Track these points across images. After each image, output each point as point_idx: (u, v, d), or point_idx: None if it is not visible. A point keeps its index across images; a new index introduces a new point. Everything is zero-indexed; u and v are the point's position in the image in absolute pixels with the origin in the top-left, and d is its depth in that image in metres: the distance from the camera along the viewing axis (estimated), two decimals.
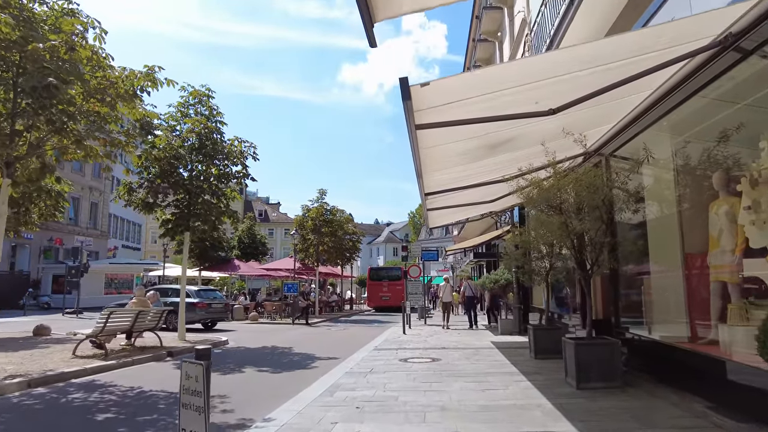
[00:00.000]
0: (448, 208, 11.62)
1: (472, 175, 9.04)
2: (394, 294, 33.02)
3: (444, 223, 15.80)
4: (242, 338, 15.73)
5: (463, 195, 10.92)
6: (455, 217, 15.50)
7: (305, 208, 26.31)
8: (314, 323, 22.17)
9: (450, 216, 14.90)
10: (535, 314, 15.69)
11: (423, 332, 17.31)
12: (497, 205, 14.91)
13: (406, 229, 77.77)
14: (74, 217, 40.59)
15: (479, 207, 14.10)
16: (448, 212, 13.74)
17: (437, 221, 14.82)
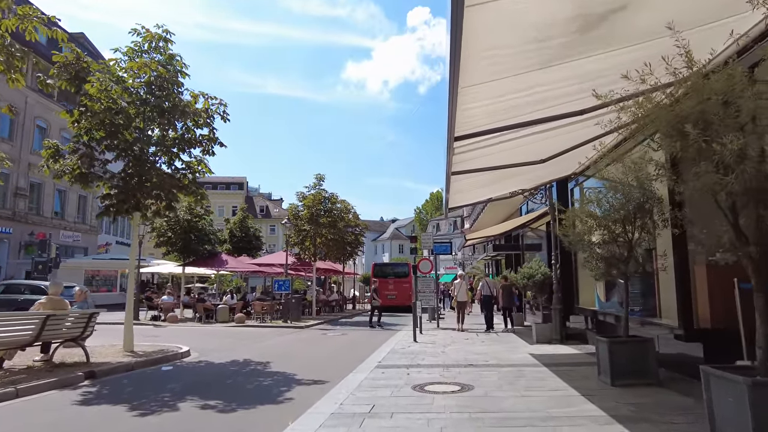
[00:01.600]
0: (478, 171, 8.33)
1: (530, 103, 5.74)
2: (400, 292, 29.71)
3: (465, 202, 12.57)
4: (213, 347, 12.48)
5: (501, 152, 7.65)
6: (479, 194, 12.20)
7: (300, 195, 23.11)
8: (310, 325, 18.91)
9: (473, 192, 11.61)
10: (578, 317, 12.36)
11: (438, 339, 14.02)
12: (536, 177, 11.61)
13: (412, 226, 74.37)
14: (60, 211, 37.53)
15: (516, 178, 10.80)
16: (472, 185, 10.46)
17: (457, 199, 11.55)
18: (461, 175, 8.00)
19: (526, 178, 11.57)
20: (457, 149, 6.80)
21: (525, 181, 12.14)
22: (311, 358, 10.75)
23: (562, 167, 11.27)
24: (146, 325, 18.97)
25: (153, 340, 13.27)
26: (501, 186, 11.75)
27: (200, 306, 20.06)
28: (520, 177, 11.19)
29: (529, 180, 11.94)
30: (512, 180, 11.38)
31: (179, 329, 17.63)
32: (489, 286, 17.82)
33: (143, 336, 14.87)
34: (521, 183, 12.27)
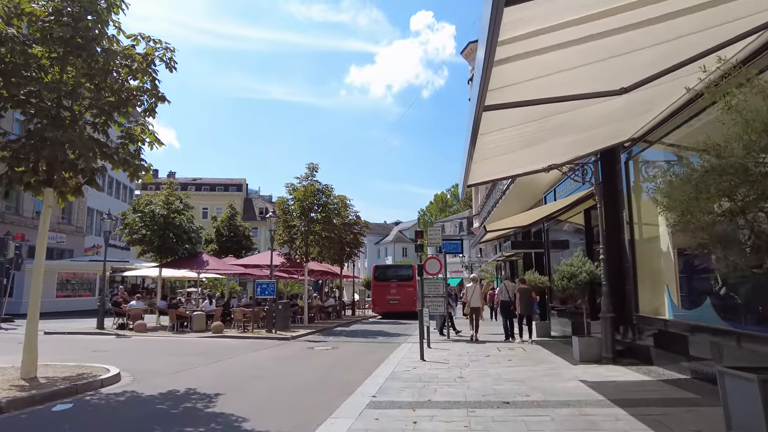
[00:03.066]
0: (522, 105, 5.34)
1: None
2: (404, 297, 26.70)
3: (488, 178, 9.64)
4: (161, 367, 9.51)
5: (559, 71, 4.72)
6: (506, 165, 9.18)
7: (290, 186, 20.09)
8: (297, 336, 15.91)
9: (500, 161, 8.63)
10: (636, 326, 9.32)
11: (451, 354, 11.02)
12: (580, 143, 8.67)
13: (416, 228, 71.34)
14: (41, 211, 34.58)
15: (556, 141, 7.85)
16: (501, 148, 7.50)
17: (479, 175, 8.57)
18: (495, 110, 5.03)
19: (568, 144, 8.61)
20: (500, 62, 3.91)
21: (564, 151, 9.16)
22: (280, 389, 7.75)
23: (614, 130, 8.32)
24: (107, 335, 16.02)
25: (89, 358, 10.30)
26: (533, 154, 8.78)
27: (173, 313, 17.09)
28: (561, 142, 8.24)
29: (570, 147, 8.97)
30: (550, 146, 8.42)
31: (139, 341, 14.67)
32: (508, 290, 14.87)
33: (81, 350, 11.96)
34: (558, 153, 9.28)
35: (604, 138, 8.73)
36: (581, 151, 9.40)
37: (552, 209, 12.25)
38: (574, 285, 9.68)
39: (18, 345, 8.52)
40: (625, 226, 9.77)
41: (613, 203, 10.13)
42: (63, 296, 26.32)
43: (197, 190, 67.32)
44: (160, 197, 20.92)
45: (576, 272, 9.71)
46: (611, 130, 8.19)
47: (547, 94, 5.14)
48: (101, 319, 17.24)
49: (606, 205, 9.94)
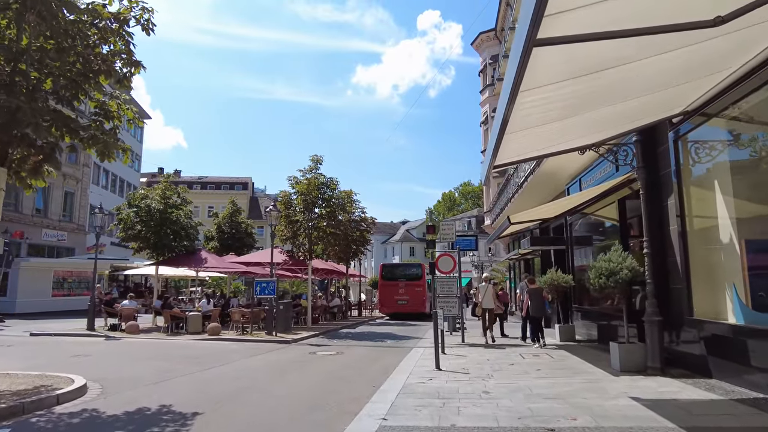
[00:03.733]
0: (554, 85, 4.07)
1: None
2: (412, 297, 25.38)
3: (517, 157, 8.23)
4: (138, 376, 8.27)
5: None
6: (536, 147, 7.83)
7: (293, 179, 18.83)
8: (299, 339, 14.64)
9: (530, 143, 7.31)
10: (689, 332, 7.96)
11: (470, 362, 9.70)
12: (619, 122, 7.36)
13: (423, 228, 69.87)
14: (43, 208, 33.68)
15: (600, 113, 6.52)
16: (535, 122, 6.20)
17: (507, 153, 7.22)
18: (548, 47, 3.73)
19: (610, 117, 7.27)
20: None
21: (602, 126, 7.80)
22: (271, 407, 6.47)
23: (665, 99, 6.97)
24: (97, 337, 14.83)
25: (63, 364, 9.09)
26: (568, 130, 7.43)
27: (167, 313, 15.87)
28: (602, 114, 6.90)
29: (611, 122, 7.62)
30: (588, 119, 7.09)
31: (128, 344, 13.45)
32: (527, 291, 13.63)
33: (60, 355, 10.76)
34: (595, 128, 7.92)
35: (654, 109, 7.38)
36: (621, 127, 8.03)
37: (582, 198, 10.88)
38: (614, 283, 8.32)
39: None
40: (671, 216, 8.43)
41: (656, 190, 8.79)
42: (59, 295, 25.21)
43: (203, 188, 66.33)
44: (157, 191, 19.77)
45: (615, 269, 8.36)
46: (663, 98, 6.85)
47: (617, 27, 3.83)
48: (91, 319, 16.06)
49: (649, 192, 8.59)
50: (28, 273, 23.55)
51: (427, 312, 26.32)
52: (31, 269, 24.06)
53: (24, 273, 23.53)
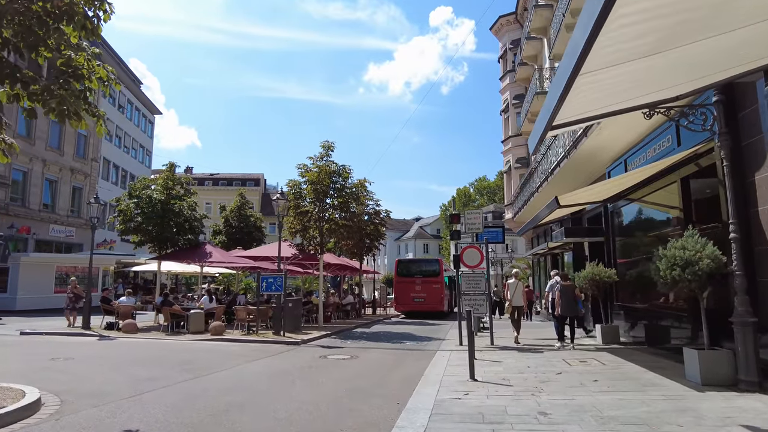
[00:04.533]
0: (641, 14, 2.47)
1: None
2: (430, 295, 23.79)
3: (578, 116, 6.60)
4: (113, 388, 6.84)
5: None
6: (599, 104, 6.20)
7: (302, 168, 17.36)
8: (309, 340, 13.15)
9: (593, 100, 5.71)
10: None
11: (508, 371, 8.13)
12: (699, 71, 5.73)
13: (437, 224, 68.03)
14: (50, 203, 32.71)
15: None
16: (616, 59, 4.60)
17: (569, 111, 5.66)
18: None
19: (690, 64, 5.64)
20: None
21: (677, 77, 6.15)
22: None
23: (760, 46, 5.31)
24: (90, 336, 13.51)
25: (34, 370, 7.71)
26: (639, 81, 5.81)
27: (166, 311, 14.49)
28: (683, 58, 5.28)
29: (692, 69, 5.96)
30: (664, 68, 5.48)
31: (120, 345, 12.08)
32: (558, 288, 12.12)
33: (38, 357, 9.39)
34: (670, 80, 6.27)
35: (744, 56, 5.73)
36: (702, 79, 6.37)
37: (643, 175, 9.14)
38: (691, 275, 6.68)
39: None
40: (760, 195, 6.79)
41: (738, 163, 7.14)
42: (62, 292, 24.00)
43: (215, 185, 65.39)
44: (159, 181, 18.42)
45: (693, 258, 6.72)
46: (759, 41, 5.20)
47: None
48: (86, 317, 14.76)
49: (734, 164, 6.94)
50: (29, 268, 22.42)
51: (445, 310, 24.73)
52: (32, 264, 22.93)
53: (25, 268, 22.40)
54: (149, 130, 51.60)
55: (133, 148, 46.62)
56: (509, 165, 27.68)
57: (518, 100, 27.59)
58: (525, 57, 24.39)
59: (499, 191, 62.56)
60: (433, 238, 66.20)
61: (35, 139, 30.49)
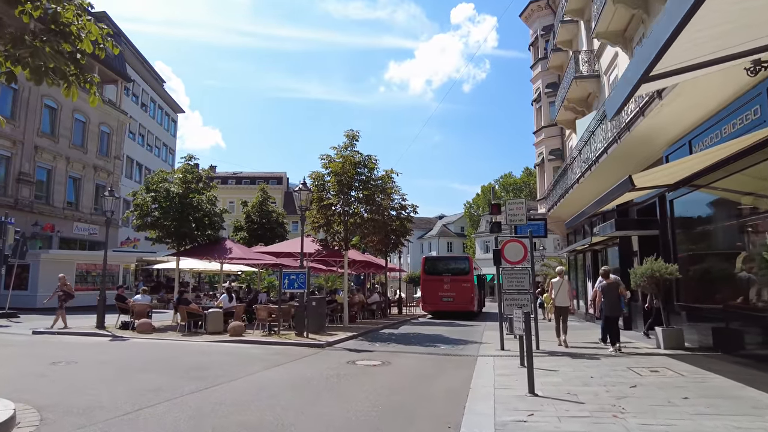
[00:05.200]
0: None
1: None
2: (459, 294, 22.46)
3: (685, 62, 5.32)
4: (108, 400, 5.81)
5: None
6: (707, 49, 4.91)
7: (326, 158, 16.31)
8: (334, 342, 12.02)
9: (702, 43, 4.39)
10: None
11: (566, 380, 6.84)
12: None
13: (461, 222, 66.35)
14: (74, 201, 32.42)
15: None
16: None
17: (673, 57, 4.43)
18: None
19: None
20: None
21: None
22: None
23: None
24: (103, 336, 12.63)
25: (28, 375, 6.74)
26: None
27: (183, 310, 13.54)
28: None
29: None
30: None
31: (132, 346, 11.14)
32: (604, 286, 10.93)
33: (38, 360, 8.42)
34: None
35: None
36: None
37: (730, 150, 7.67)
38: None
39: None
40: None
41: None
42: (83, 289, 23.47)
43: (237, 183, 65.14)
44: (177, 174, 17.57)
45: None
46: None
47: None
48: (101, 316, 13.92)
49: None
50: (49, 266, 21.85)
51: (475, 310, 23.40)
52: (53, 261, 22.34)
53: (45, 266, 21.85)
54: (172, 129, 51.37)
55: (156, 146, 46.38)
56: (542, 157, 26.17)
57: (551, 88, 26.07)
58: (559, 42, 22.88)
59: (526, 188, 60.72)
60: (457, 236, 64.62)
61: (59, 137, 30.17)
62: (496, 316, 11.38)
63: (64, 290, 14.53)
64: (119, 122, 36.05)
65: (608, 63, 17.16)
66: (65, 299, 14.43)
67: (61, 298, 14.37)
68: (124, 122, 36.86)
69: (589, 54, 19.27)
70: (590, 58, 19.21)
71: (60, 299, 14.36)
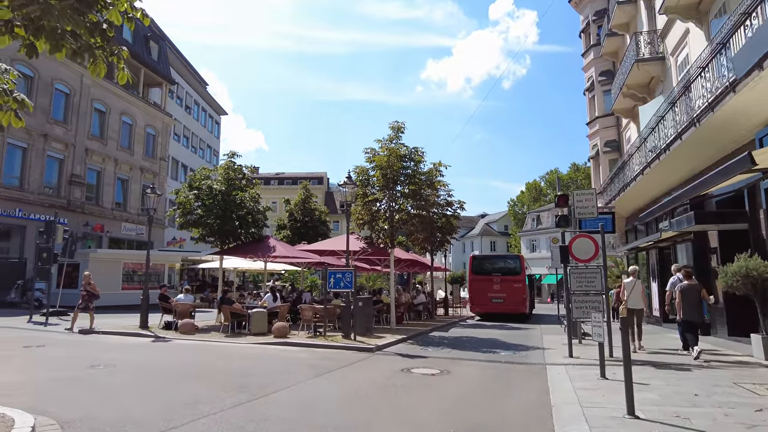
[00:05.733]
0: None
1: None
2: (510, 295, 21.17)
3: None
4: (142, 414, 5.13)
5: None
6: None
7: (370, 152, 15.43)
8: (384, 345, 11.16)
9: None
10: None
11: (665, 396, 5.72)
12: None
13: (505, 221, 64.38)
14: (122, 201, 33.01)
15: None
16: None
17: None
18: None
19: None
20: None
21: None
22: None
23: None
24: (146, 337, 12.21)
25: (57, 383, 6.18)
26: None
27: (226, 309, 13.01)
28: None
29: None
30: None
31: (173, 348, 10.62)
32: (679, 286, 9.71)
33: (78, 363, 7.85)
34: None
35: None
36: None
37: None
38: None
39: None
40: None
41: None
42: (130, 288, 23.58)
43: (280, 184, 65.62)
44: (220, 171, 17.17)
45: None
46: None
47: None
48: (144, 316, 13.56)
49: None
50: (97, 265, 22.02)
51: (527, 312, 22.08)
52: (101, 260, 22.52)
53: (94, 265, 21.99)
54: (216, 131, 52.00)
55: (200, 148, 47.00)
56: (596, 149, 24.53)
57: (605, 76, 24.40)
58: (614, 26, 21.25)
59: (573, 183, 58.26)
60: (501, 235, 62.75)
61: (107, 140, 30.71)
62: (549, 318, 10.36)
63: (87, 290, 13.51)
64: (164, 124, 36.54)
65: (676, 42, 15.60)
66: (89, 299, 13.41)
67: (85, 297, 13.41)
68: (169, 124, 37.36)
69: (652, 35, 17.69)
70: (653, 39, 17.62)
71: (83, 299, 13.40)
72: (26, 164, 24.71)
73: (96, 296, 13.74)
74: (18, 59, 24.37)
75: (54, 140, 26.37)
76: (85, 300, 13.34)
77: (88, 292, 13.47)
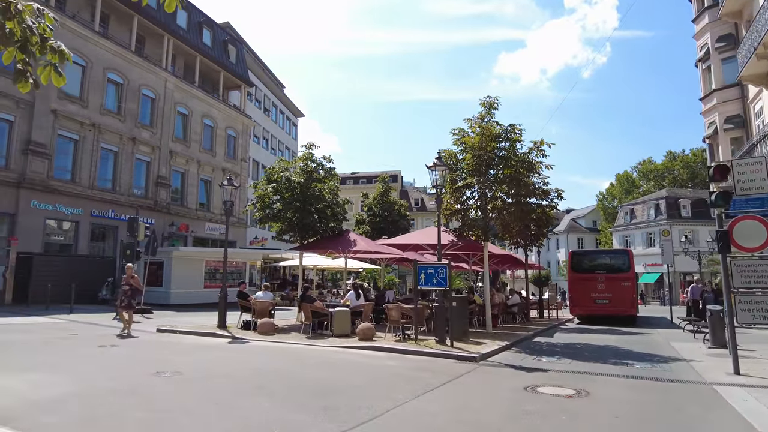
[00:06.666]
0: None
1: None
2: (617, 295, 18.46)
3: None
4: None
5: None
6: None
7: (459, 132, 13.55)
8: (487, 354, 9.36)
9: None
10: None
11: None
12: None
13: (593, 216, 59.61)
14: (206, 202, 33.61)
15: None
16: None
17: None
18: None
19: None
20: None
21: None
22: None
23: None
24: (222, 338, 11.27)
25: (112, 394, 5.05)
26: None
27: (306, 308, 11.83)
28: None
29: None
30: None
31: (249, 351, 9.49)
32: None
33: (144, 367, 6.71)
34: None
35: None
36: None
37: None
38: None
39: None
40: None
41: None
42: (212, 287, 23.44)
43: (355, 183, 65.59)
44: (298, 163, 16.18)
45: None
46: None
47: None
48: (222, 315, 12.72)
49: None
50: (180, 263, 22.00)
51: (635, 315, 19.25)
52: (183, 259, 22.50)
53: (177, 263, 22.03)
54: (293, 132, 52.40)
55: (279, 149, 47.36)
56: (714, 127, 21.07)
57: (724, 41, 20.92)
58: None
59: (669, 174, 52.72)
60: (588, 231, 58.18)
61: (190, 142, 31.24)
62: (658, 321, 8.06)
63: (130, 283, 11.70)
64: (244, 126, 36.91)
65: None
66: (131, 295, 11.70)
67: (127, 293, 11.59)
68: (248, 126, 37.72)
69: None
70: None
71: (126, 294, 11.57)
72: (117, 167, 25.44)
73: (139, 291, 12.31)
74: (111, 68, 25.27)
75: (141, 143, 27.03)
76: (127, 296, 11.57)
77: (131, 286, 11.71)
